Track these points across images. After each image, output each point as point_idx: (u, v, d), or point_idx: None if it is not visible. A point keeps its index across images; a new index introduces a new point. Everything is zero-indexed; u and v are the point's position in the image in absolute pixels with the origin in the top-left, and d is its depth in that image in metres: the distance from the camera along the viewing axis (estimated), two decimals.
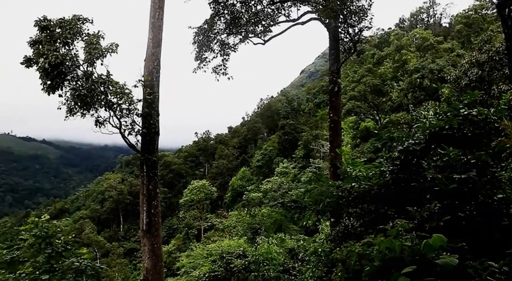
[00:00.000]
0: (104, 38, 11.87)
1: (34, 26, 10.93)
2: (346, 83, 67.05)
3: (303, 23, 16.86)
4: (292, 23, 16.89)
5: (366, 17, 15.47)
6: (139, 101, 13.04)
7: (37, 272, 9.43)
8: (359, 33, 15.90)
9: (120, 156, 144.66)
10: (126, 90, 12.56)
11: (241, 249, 21.31)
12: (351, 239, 7.59)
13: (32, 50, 11.00)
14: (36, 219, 10.56)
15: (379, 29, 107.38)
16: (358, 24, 15.68)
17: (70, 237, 10.98)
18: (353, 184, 8.76)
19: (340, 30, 16.19)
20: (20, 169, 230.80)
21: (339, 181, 10.31)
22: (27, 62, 11.05)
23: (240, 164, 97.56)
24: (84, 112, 12.28)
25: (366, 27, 15.71)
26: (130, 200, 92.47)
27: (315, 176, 14.49)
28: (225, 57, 16.54)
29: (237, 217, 39.40)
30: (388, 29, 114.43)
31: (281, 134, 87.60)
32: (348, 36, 16.18)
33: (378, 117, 62.44)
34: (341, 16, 15.52)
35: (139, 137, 13.25)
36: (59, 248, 10.35)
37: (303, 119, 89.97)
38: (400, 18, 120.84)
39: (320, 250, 10.65)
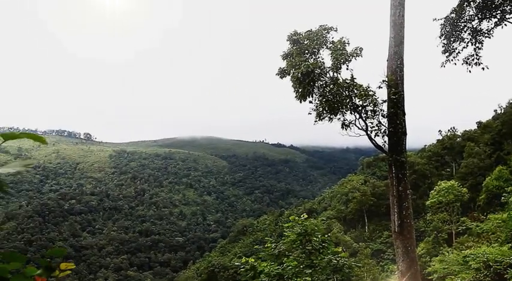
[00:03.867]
0: (348, 43, 12.22)
1: (286, 40, 12.07)
2: None
3: None
4: None
5: None
6: (384, 101, 12.88)
7: (301, 266, 10.27)
8: None
9: (361, 158, 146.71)
10: (370, 92, 12.60)
11: None
12: None
13: (285, 62, 12.14)
14: (296, 218, 11.55)
15: None
16: None
17: (326, 236, 11.61)
18: None
19: None
20: (273, 172, 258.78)
21: None
22: (282, 73, 12.26)
23: (494, 162, 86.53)
24: (331, 116, 12.83)
25: None
26: (374, 201, 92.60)
27: None
28: (477, 45, 14.89)
29: (497, 221, 34.89)
30: None
31: None
32: None
33: None
34: None
35: (385, 138, 13.09)
36: (317, 245, 11.05)
37: None
38: None
39: None
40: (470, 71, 15.40)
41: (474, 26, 14.64)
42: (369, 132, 12.81)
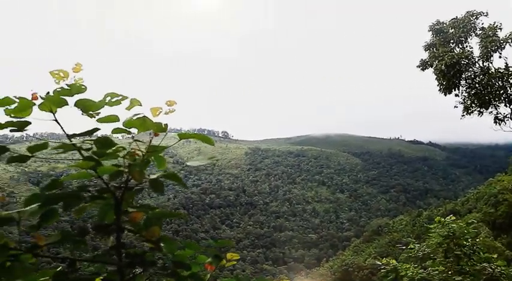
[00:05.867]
0: (500, 29, 11.01)
1: (428, 31, 11.32)
2: None
3: None
4: None
5: None
6: None
7: (449, 272, 9.55)
8: None
9: None
10: None
11: None
12: None
13: (428, 53, 11.40)
14: (442, 219, 10.76)
15: None
16: None
17: (477, 240, 10.62)
18: None
19: None
20: (410, 170, 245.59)
21: None
22: (423, 65, 11.54)
23: None
24: (481, 110, 11.73)
25: None
26: None
27: None
28: None
29: None
30: None
31: None
32: None
33: None
34: None
35: None
36: (467, 250, 10.17)
37: None
38: None
39: None
40: None
41: None
42: None
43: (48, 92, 1.71)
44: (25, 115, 1.71)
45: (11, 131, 1.70)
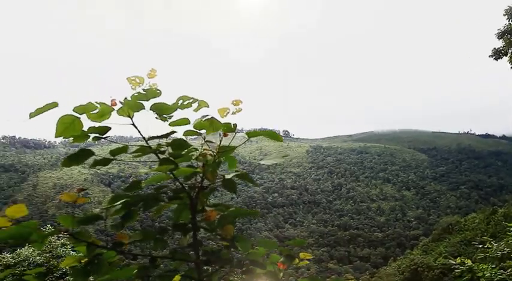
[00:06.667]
0: None
1: (504, 15, 10.60)
2: None
3: None
4: None
5: None
6: None
7: None
8: None
9: None
10: None
11: None
12: None
13: (502, 41, 10.70)
14: None
15: None
16: None
17: None
18: None
19: None
20: (482, 166, 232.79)
21: None
22: (496, 54, 10.85)
23: None
24: None
25: None
26: None
27: None
28: None
29: None
30: None
31: None
32: None
33: None
34: None
35: None
36: None
37: None
38: None
39: None
40: None
41: None
42: None
43: (126, 98, 1.81)
44: (103, 120, 1.81)
45: (93, 139, 1.81)
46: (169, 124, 1.88)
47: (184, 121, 1.89)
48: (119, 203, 1.63)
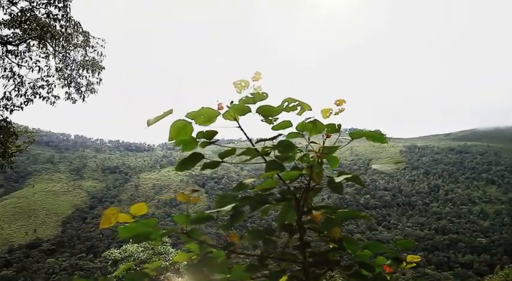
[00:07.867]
0: None
1: None
2: None
3: None
4: None
5: None
6: None
7: None
8: None
9: None
10: None
11: None
12: None
13: None
14: None
15: None
16: None
17: None
18: None
19: None
20: None
21: None
22: None
23: None
24: None
25: None
26: None
27: None
28: None
29: None
30: None
31: None
32: None
33: None
34: None
35: None
36: None
37: None
38: None
39: None
40: None
41: None
42: None
43: (232, 101, 1.87)
44: (209, 124, 1.89)
45: (202, 145, 1.89)
46: (273, 127, 1.90)
47: (287, 124, 1.91)
48: (229, 206, 1.68)
